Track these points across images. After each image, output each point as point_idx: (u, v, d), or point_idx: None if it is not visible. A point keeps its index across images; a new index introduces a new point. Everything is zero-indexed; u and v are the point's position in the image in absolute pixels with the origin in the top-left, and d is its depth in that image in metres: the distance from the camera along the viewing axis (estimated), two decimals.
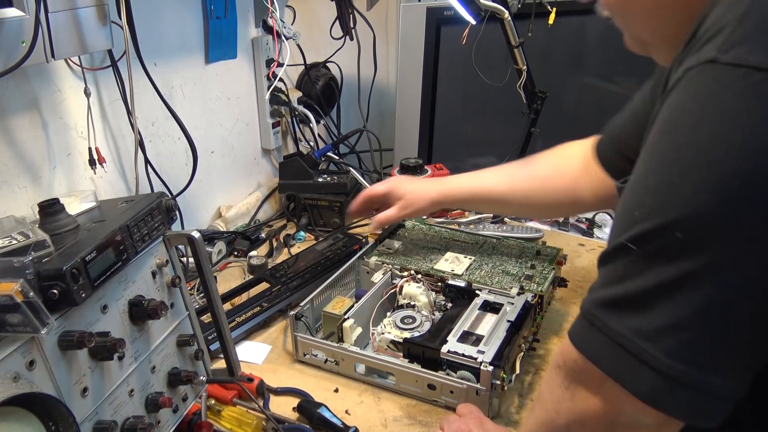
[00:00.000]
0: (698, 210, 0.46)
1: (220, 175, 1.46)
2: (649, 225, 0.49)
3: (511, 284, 1.05)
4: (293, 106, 1.58)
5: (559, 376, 0.60)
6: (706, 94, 0.47)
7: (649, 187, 0.50)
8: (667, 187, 0.48)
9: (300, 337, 0.98)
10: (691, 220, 0.47)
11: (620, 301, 0.51)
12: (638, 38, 0.66)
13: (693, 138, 0.47)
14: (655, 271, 0.49)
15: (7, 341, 0.56)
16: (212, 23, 1.32)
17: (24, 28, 0.82)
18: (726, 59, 0.46)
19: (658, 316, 0.49)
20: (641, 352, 0.49)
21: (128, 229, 0.70)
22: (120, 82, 1.11)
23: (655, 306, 0.49)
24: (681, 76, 0.49)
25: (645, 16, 0.61)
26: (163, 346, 0.77)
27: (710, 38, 0.48)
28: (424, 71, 1.52)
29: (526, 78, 1.38)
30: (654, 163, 0.50)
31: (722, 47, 0.46)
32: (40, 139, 1.02)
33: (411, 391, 0.91)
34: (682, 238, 0.47)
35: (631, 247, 0.50)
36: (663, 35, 0.62)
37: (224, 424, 0.86)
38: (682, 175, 0.47)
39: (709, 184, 0.46)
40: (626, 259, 0.51)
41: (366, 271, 1.16)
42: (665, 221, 0.48)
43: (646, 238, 0.49)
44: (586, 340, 0.55)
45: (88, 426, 0.64)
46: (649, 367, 0.49)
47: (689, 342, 0.48)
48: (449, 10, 1.40)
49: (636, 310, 0.50)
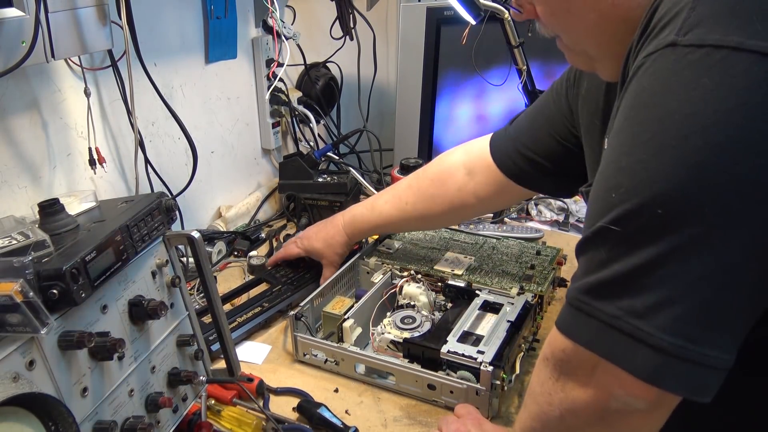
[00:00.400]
0: (675, 185, 0.47)
1: (220, 175, 1.46)
2: (629, 205, 0.49)
3: (511, 284, 1.05)
4: (293, 106, 1.58)
5: (548, 368, 0.60)
6: (670, 75, 0.48)
7: (623, 169, 0.51)
8: (642, 166, 0.49)
9: (300, 337, 0.98)
10: (669, 196, 0.47)
11: (608, 284, 0.52)
12: (583, 55, 0.67)
13: (662, 116, 0.48)
14: (640, 250, 0.49)
15: (7, 341, 0.56)
16: (212, 23, 1.32)
17: (24, 28, 0.82)
18: (686, 41, 0.47)
19: (648, 293, 0.49)
20: (635, 330, 0.50)
21: (128, 229, 0.70)
22: (120, 82, 1.11)
23: (645, 284, 0.49)
24: (641, 63, 0.50)
25: (588, 32, 0.63)
26: (163, 346, 0.77)
27: (666, 24, 0.49)
28: (424, 71, 1.52)
29: (526, 78, 1.38)
30: (626, 146, 0.51)
31: (680, 30, 0.47)
32: (40, 139, 1.02)
33: (411, 391, 0.91)
34: (663, 214, 0.48)
35: (613, 228, 0.51)
36: (608, 50, 0.63)
37: (224, 424, 0.86)
38: (656, 153, 0.48)
39: (682, 159, 0.47)
40: (609, 242, 0.51)
41: (366, 271, 1.16)
42: (644, 199, 0.49)
43: (627, 218, 0.50)
44: (577, 327, 0.55)
45: (88, 426, 0.64)
46: (645, 344, 0.49)
47: (682, 316, 0.48)
48: (449, 10, 1.40)
49: (625, 291, 0.50)
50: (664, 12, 0.50)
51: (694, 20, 0.47)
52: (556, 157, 0.94)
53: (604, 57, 0.65)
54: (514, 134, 0.99)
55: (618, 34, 0.59)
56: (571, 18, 0.63)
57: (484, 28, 1.31)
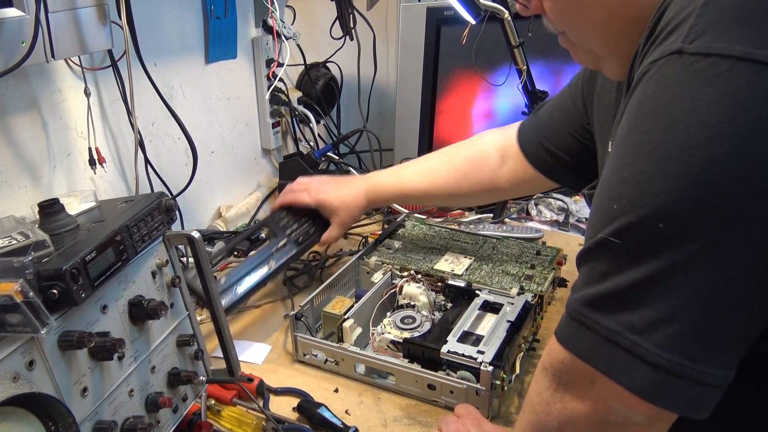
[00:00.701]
0: (677, 199, 0.46)
1: (220, 175, 1.46)
2: (630, 218, 0.49)
3: (511, 284, 1.05)
4: (293, 106, 1.58)
5: (547, 378, 0.59)
6: (676, 84, 0.47)
7: (625, 179, 0.50)
8: (645, 178, 0.48)
9: (300, 337, 0.98)
10: (671, 209, 0.47)
11: (608, 297, 0.51)
12: (590, 53, 0.66)
13: (666, 127, 0.47)
14: (641, 265, 0.48)
15: (7, 341, 0.56)
16: (212, 23, 1.32)
17: (24, 28, 0.82)
18: (692, 49, 0.46)
19: (648, 309, 0.48)
20: (634, 346, 0.49)
21: (128, 229, 0.70)
22: (120, 82, 1.11)
23: (645, 299, 0.49)
24: (647, 69, 0.49)
25: (596, 29, 0.62)
26: (163, 346, 0.76)
27: (673, 29, 0.48)
28: (424, 71, 1.52)
29: (526, 78, 1.38)
30: (629, 156, 0.50)
31: (687, 37, 0.46)
32: (40, 139, 1.02)
33: (411, 391, 0.91)
34: (665, 228, 0.47)
35: (614, 241, 0.50)
36: (615, 49, 0.62)
37: (224, 424, 0.86)
38: (659, 164, 0.47)
39: (686, 173, 0.46)
40: (609, 255, 0.51)
41: (366, 271, 1.15)
42: (646, 212, 0.48)
43: (628, 231, 0.49)
44: (576, 340, 0.54)
45: (88, 426, 0.64)
46: (643, 361, 0.49)
47: (682, 333, 0.48)
48: (449, 10, 1.39)
49: (625, 305, 0.50)
50: (671, 16, 0.49)
51: (701, 27, 0.46)
52: (575, 152, 0.94)
53: (611, 56, 0.64)
54: (537, 125, 0.98)
55: (626, 33, 0.58)
56: (579, 15, 0.61)
57: (484, 28, 1.31)
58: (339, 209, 1.11)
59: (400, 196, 1.15)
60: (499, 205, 1.48)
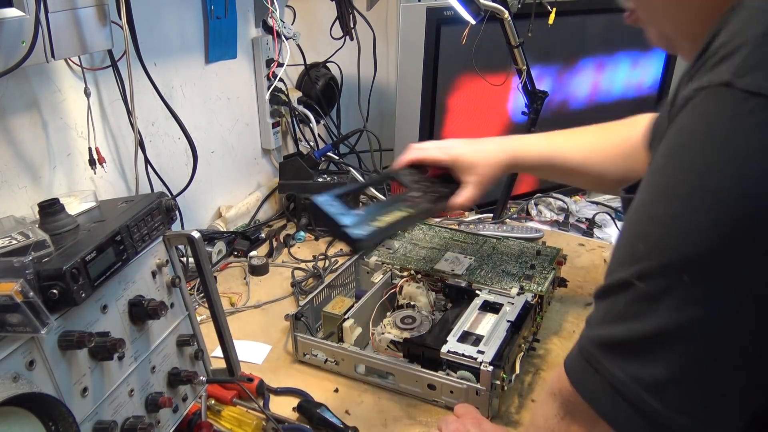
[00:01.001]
0: (705, 252, 0.43)
1: (220, 175, 1.46)
2: (655, 263, 0.46)
3: (511, 284, 1.05)
4: (293, 106, 1.58)
5: (555, 406, 0.58)
6: (717, 123, 0.43)
7: (654, 217, 0.47)
8: (673, 222, 0.45)
9: (300, 337, 0.98)
10: (697, 263, 0.44)
11: (620, 344, 0.49)
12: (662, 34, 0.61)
13: (702, 171, 0.44)
14: (658, 315, 0.46)
15: (7, 341, 0.56)
16: (212, 23, 1.32)
17: (24, 28, 0.82)
18: (742, 84, 0.42)
19: (659, 365, 0.46)
20: (639, 401, 0.47)
21: (128, 229, 0.70)
22: (120, 82, 1.11)
23: (657, 354, 0.47)
24: (691, 96, 0.46)
25: (668, 9, 0.57)
26: (163, 346, 0.76)
27: (725, 57, 0.44)
28: (424, 71, 1.52)
29: (526, 78, 1.38)
30: (659, 191, 0.47)
31: (738, 70, 0.42)
32: (40, 139, 1.02)
33: (411, 391, 0.91)
34: (689, 282, 0.44)
35: (636, 283, 0.47)
36: (686, 31, 0.57)
37: (224, 424, 0.86)
38: (690, 210, 0.44)
39: (718, 226, 0.43)
40: (628, 297, 0.48)
41: (366, 271, 1.15)
42: (671, 260, 0.45)
43: (652, 276, 0.47)
44: (583, 380, 0.53)
45: (88, 426, 0.64)
46: (647, 418, 0.47)
47: (690, 394, 0.46)
48: (449, 10, 1.39)
49: (636, 356, 0.48)
50: (727, 38, 0.45)
51: (756, 61, 0.42)
52: None
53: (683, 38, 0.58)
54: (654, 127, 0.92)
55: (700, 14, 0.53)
56: None
57: (484, 28, 1.31)
58: (477, 165, 0.97)
59: (547, 166, 1.01)
60: (499, 205, 1.48)
